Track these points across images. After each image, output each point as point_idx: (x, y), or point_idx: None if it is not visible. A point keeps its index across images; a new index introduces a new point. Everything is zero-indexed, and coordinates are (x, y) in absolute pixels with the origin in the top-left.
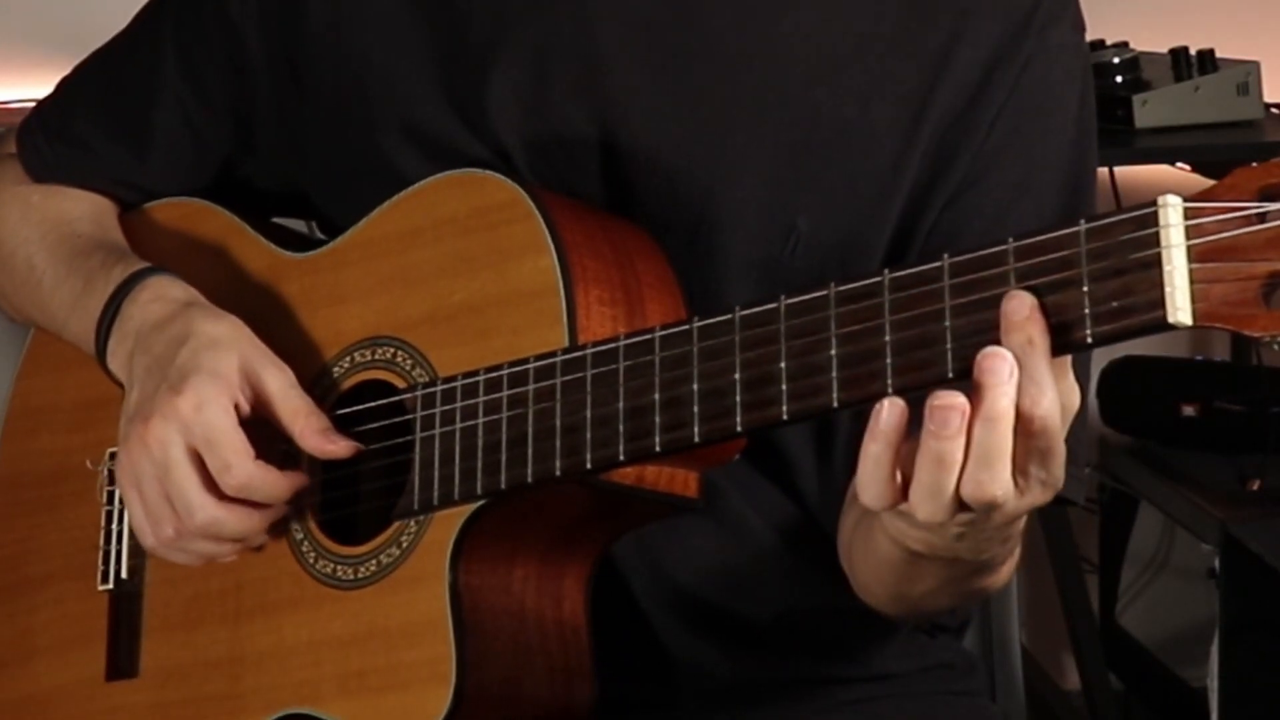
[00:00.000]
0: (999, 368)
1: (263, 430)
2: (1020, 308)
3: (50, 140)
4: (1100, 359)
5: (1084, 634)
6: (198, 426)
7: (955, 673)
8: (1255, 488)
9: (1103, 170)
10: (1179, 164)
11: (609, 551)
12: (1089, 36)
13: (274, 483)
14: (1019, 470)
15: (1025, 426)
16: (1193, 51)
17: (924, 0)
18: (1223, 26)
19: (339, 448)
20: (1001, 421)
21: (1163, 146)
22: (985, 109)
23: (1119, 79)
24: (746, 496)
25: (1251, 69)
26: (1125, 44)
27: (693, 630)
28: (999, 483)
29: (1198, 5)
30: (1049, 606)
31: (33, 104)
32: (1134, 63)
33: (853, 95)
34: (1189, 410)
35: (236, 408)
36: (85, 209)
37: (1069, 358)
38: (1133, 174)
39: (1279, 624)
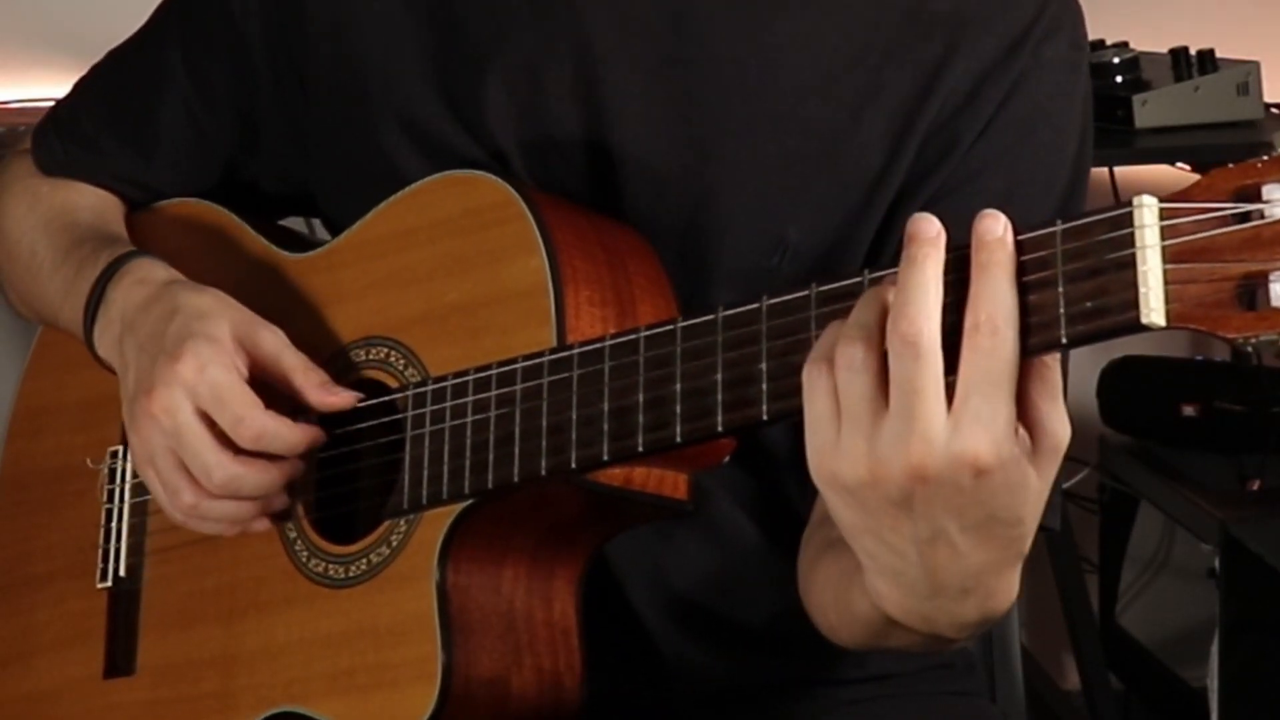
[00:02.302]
0: (925, 229)
1: (264, 395)
2: (994, 227)
3: (62, 139)
4: (1100, 359)
5: (1084, 634)
6: (203, 387)
7: (954, 672)
8: (1255, 488)
9: (1103, 170)
10: (1179, 164)
11: (603, 554)
12: (1090, 36)
13: (289, 432)
14: (961, 390)
15: (974, 340)
16: (1193, 51)
17: (922, 11)
18: (1223, 26)
19: (339, 399)
20: (923, 267)
21: (1163, 146)
22: (973, 121)
23: (1119, 79)
24: (738, 501)
25: (1251, 69)
26: (1125, 44)
27: (688, 633)
28: (923, 316)
29: (1198, 5)
30: (1049, 606)
31: (32, 104)
32: (1134, 63)
33: (846, 106)
34: (1189, 410)
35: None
36: (90, 201)
37: (1060, 382)
38: (1133, 174)
39: (1279, 624)
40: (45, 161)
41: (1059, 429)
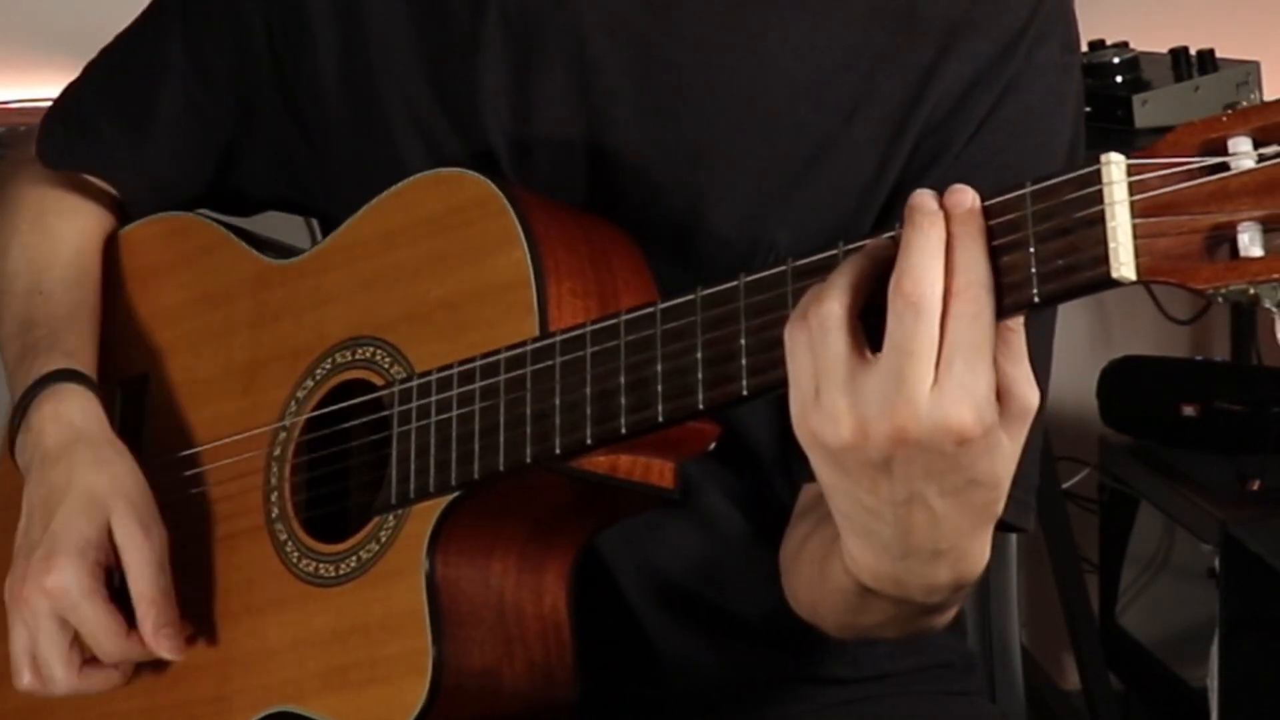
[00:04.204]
0: (929, 202)
1: None
2: (964, 200)
3: (64, 124)
4: (1100, 359)
5: (1084, 634)
6: (69, 612)
7: (954, 672)
8: (1255, 488)
9: None
10: None
11: (594, 548)
12: (1090, 36)
13: (143, 651)
14: (944, 356)
15: (957, 307)
16: (1193, 51)
17: (915, 15)
18: (1223, 26)
19: (166, 648)
20: (928, 233)
21: None
22: (964, 124)
23: (1119, 79)
24: (728, 494)
25: (1251, 69)
26: (1125, 44)
27: (682, 628)
28: (928, 279)
29: (1198, 5)
30: (1049, 606)
31: (32, 104)
32: (1134, 63)
33: (838, 110)
34: (1189, 410)
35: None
36: (67, 254)
37: (1025, 347)
38: None
39: (1279, 624)
40: (47, 148)
41: (1027, 392)
